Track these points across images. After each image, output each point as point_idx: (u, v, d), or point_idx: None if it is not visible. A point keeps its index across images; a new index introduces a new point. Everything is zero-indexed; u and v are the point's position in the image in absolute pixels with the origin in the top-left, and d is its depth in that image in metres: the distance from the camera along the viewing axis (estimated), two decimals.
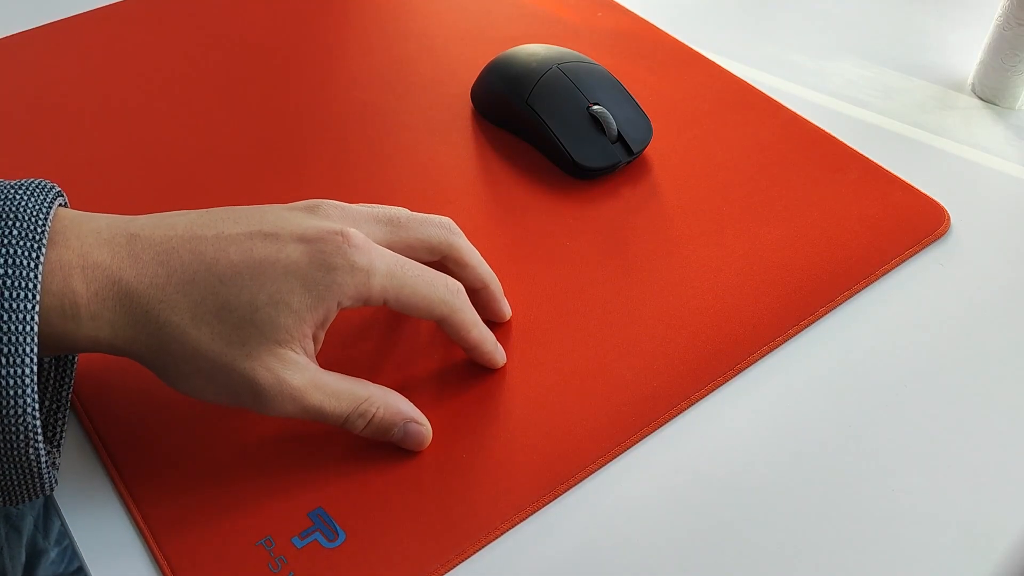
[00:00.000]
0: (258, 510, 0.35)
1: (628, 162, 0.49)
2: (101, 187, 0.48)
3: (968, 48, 0.57)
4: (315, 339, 0.34)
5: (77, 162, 0.50)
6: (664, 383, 0.39)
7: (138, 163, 0.49)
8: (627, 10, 0.61)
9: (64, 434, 0.36)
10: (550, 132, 0.48)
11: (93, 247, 0.32)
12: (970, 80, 0.55)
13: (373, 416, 0.35)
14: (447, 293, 0.36)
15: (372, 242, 0.34)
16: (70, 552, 0.55)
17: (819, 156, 0.50)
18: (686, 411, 0.38)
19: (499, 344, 0.39)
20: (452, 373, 0.39)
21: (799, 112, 0.53)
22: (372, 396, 0.35)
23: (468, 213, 0.46)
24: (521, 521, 0.35)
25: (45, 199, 0.32)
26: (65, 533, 0.40)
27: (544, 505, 0.35)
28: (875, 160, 0.49)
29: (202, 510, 0.35)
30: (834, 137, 0.51)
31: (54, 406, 0.36)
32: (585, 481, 0.36)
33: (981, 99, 0.54)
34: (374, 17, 0.61)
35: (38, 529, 0.54)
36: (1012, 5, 0.51)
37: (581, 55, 0.51)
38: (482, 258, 0.39)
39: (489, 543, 0.34)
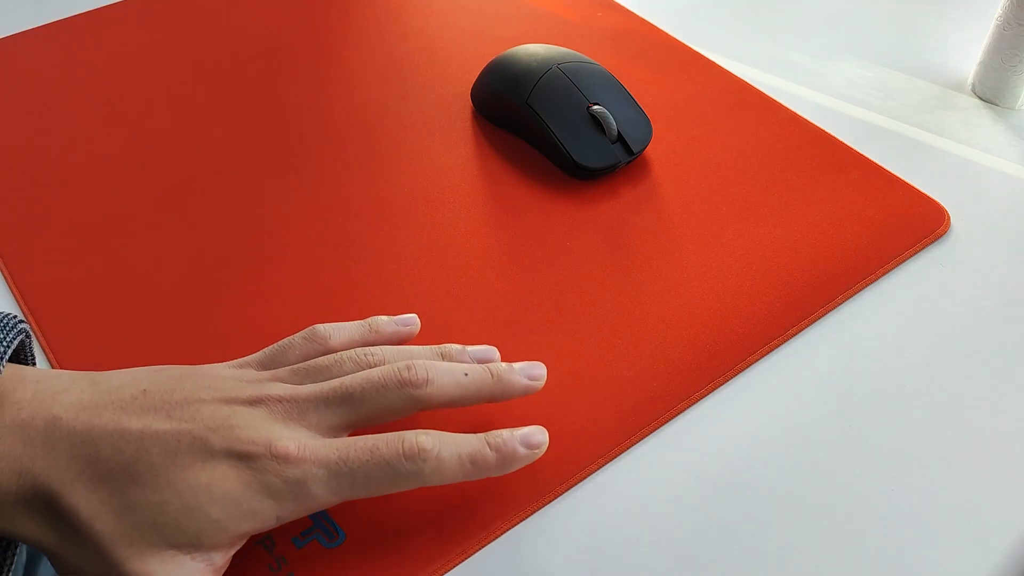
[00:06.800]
0: None
1: (628, 162, 0.49)
2: (101, 187, 0.48)
3: (968, 48, 0.57)
4: (231, 548, 0.31)
5: (77, 162, 0.50)
6: (664, 383, 0.39)
7: (138, 163, 0.49)
8: (627, 10, 0.61)
9: None
10: (550, 132, 0.48)
11: (9, 431, 0.29)
12: (970, 80, 0.55)
13: None
14: (407, 463, 0.31)
15: (309, 445, 0.31)
16: None
17: (819, 156, 0.50)
18: (686, 411, 0.38)
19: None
20: None
21: (799, 112, 0.53)
22: None
23: (468, 213, 0.47)
24: (521, 521, 0.35)
25: None
26: None
27: (544, 505, 0.35)
28: (875, 160, 0.49)
29: None
30: (834, 137, 0.51)
31: None
32: (585, 481, 0.36)
33: (981, 99, 0.54)
34: (374, 17, 0.61)
35: None
36: (1012, 5, 0.51)
37: (581, 55, 0.51)
38: (464, 380, 0.34)
39: (489, 543, 0.34)
